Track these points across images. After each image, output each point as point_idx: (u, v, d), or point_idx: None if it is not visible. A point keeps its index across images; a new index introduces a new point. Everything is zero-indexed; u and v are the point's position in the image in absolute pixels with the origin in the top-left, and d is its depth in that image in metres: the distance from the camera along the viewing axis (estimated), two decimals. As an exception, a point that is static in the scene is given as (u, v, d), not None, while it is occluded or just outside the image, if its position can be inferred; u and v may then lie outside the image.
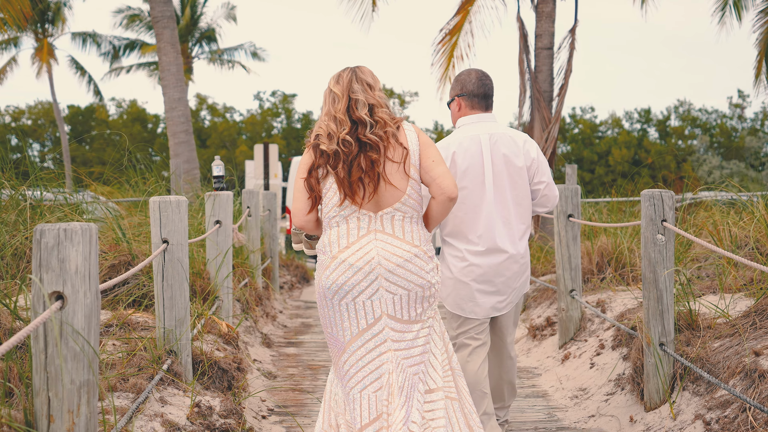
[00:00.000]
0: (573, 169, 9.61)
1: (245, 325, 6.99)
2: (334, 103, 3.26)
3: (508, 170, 3.95)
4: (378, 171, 3.19)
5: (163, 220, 4.32)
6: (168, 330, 4.35)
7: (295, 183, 3.35)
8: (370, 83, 3.28)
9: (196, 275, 6.11)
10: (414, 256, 3.23)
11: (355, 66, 3.34)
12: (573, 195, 6.34)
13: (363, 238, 3.22)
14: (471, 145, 3.95)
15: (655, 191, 4.45)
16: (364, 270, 3.19)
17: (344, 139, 3.19)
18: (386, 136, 3.21)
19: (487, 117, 4.06)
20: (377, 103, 3.25)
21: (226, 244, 6.15)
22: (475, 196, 3.93)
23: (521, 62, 11.77)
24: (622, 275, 7.07)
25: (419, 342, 3.26)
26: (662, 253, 4.44)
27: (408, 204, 3.25)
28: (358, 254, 3.20)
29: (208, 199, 6.17)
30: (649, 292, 4.49)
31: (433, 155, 3.28)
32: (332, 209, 3.26)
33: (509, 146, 3.96)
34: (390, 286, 3.20)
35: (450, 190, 3.23)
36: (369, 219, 3.23)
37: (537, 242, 10.62)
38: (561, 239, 6.36)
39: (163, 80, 11.03)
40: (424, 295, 3.26)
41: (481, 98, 4.06)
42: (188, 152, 11.07)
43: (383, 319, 3.21)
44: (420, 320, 3.28)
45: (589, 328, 6.31)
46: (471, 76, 4.06)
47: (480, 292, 3.98)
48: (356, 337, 3.22)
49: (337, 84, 3.29)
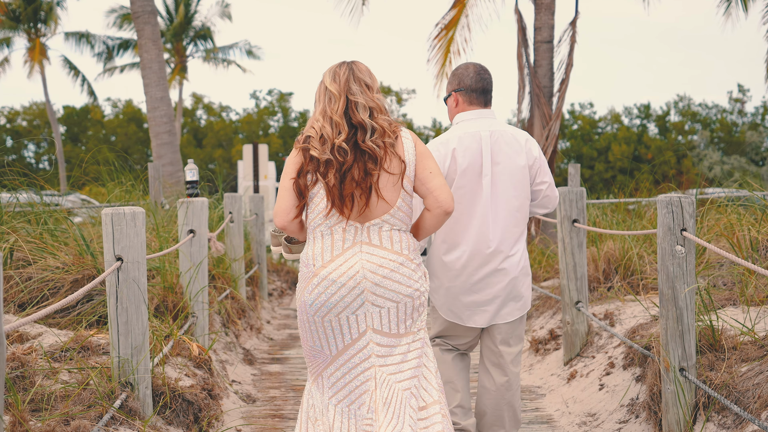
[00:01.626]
0: (576, 168, 9.09)
1: (225, 341, 6.48)
2: (330, 103, 3.08)
3: (509, 169, 3.75)
4: (371, 183, 3.03)
5: (116, 235, 3.81)
6: (123, 359, 3.85)
7: (281, 181, 3.16)
8: (369, 83, 3.11)
9: (167, 290, 5.60)
10: (400, 264, 3.08)
11: (351, 62, 3.14)
12: (578, 198, 5.83)
13: (348, 251, 3.07)
14: (471, 142, 3.73)
15: (673, 196, 3.94)
16: (348, 286, 3.04)
17: (340, 147, 3.01)
18: (384, 147, 3.03)
19: (487, 113, 3.85)
20: (377, 107, 3.08)
21: (200, 255, 5.65)
22: (471, 197, 3.73)
23: (520, 56, 11.26)
24: (631, 283, 6.56)
25: (411, 356, 3.12)
26: (682, 266, 3.93)
27: (397, 216, 3.11)
28: (341, 269, 3.05)
29: (180, 206, 5.66)
30: (667, 310, 3.98)
31: (431, 166, 3.11)
32: (318, 217, 3.09)
33: (511, 144, 3.77)
34: (377, 300, 3.06)
35: (447, 204, 3.10)
36: (355, 230, 3.08)
37: (538, 245, 10.11)
38: (565, 246, 5.85)
39: (144, 78, 10.51)
40: (414, 305, 3.11)
41: (480, 93, 3.85)
42: (172, 154, 10.55)
43: (368, 333, 3.08)
44: (411, 332, 3.13)
45: (597, 342, 5.81)
46: (469, 70, 3.87)
47: (475, 301, 3.77)
48: (341, 351, 3.09)
49: (333, 82, 3.09)
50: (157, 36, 10.46)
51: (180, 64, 39.70)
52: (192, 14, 39.89)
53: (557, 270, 8.95)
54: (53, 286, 5.53)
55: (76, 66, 38.18)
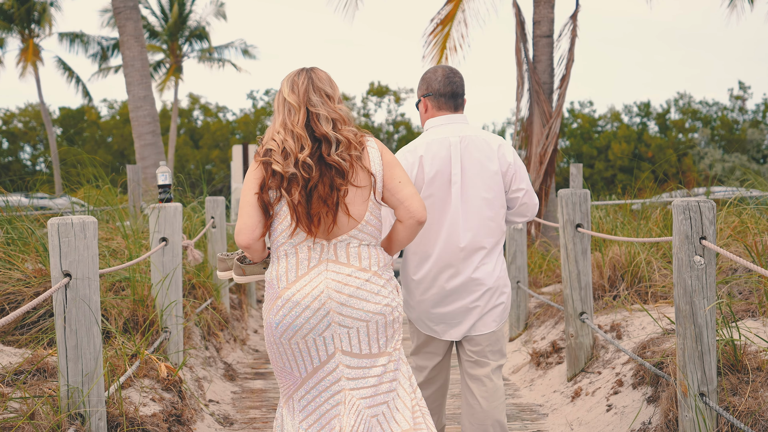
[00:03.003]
0: (578, 168, 8.65)
1: (204, 356, 6.05)
2: (291, 115, 2.92)
3: (481, 176, 3.59)
4: (339, 200, 2.88)
5: (63, 248, 3.38)
6: (73, 388, 3.41)
7: (243, 196, 2.95)
8: (330, 93, 2.96)
9: (137, 303, 5.17)
10: (365, 281, 2.92)
11: (310, 69, 2.99)
12: (582, 201, 5.40)
13: (313, 270, 2.92)
14: (440, 149, 3.56)
15: (691, 200, 3.51)
16: (313, 307, 2.89)
17: (304, 162, 2.86)
18: (351, 159, 2.89)
19: (457, 118, 3.66)
20: (340, 117, 2.93)
21: (173, 264, 5.21)
22: (440, 207, 3.57)
23: (518, 52, 10.82)
24: (638, 291, 6.13)
25: (385, 378, 2.97)
26: (701, 279, 3.50)
27: (366, 231, 2.96)
28: (305, 290, 2.89)
29: (151, 212, 5.23)
30: (685, 328, 3.55)
31: (399, 175, 2.97)
32: (281, 235, 2.93)
33: (482, 149, 3.60)
34: (344, 320, 2.90)
35: (419, 214, 2.96)
36: (321, 248, 2.93)
37: (538, 249, 9.68)
38: (568, 253, 5.42)
39: (127, 77, 10.07)
40: (386, 321, 2.95)
41: (449, 98, 3.67)
42: (156, 155, 10.11)
43: (336, 356, 2.93)
44: (386, 352, 2.98)
45: (603, 356, 5.37)
46: (437, 74, 3.69)
47: (448, 313, 3.61)
48: (310, 374, 2.95)
49: (292, 92, 2.94)
50: (140, 32, 10.02)
51: (175, 65, 39.32)
52: (187, 14, 39.52)
53: (558, 275, 8.52)
54: (14, 299, 5.12)
55: (70, 67, 37.84)
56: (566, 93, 10.55)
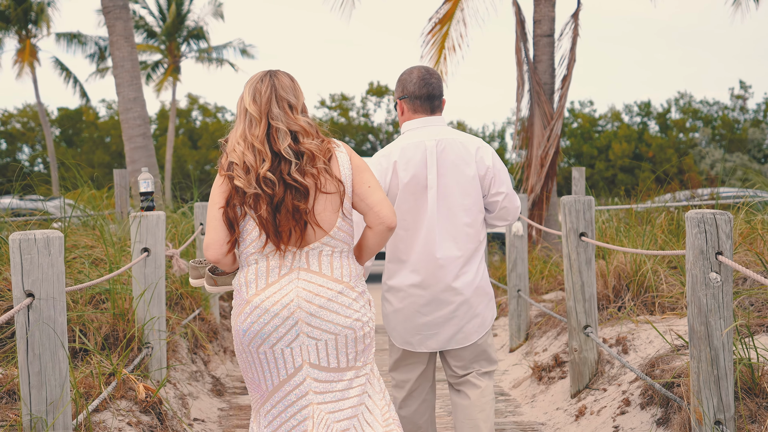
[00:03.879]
0: (580, 172, 8.37)
1: (190, 371, 5.78)
2: (251, 127, 2.82)
3: (458, 181, 3.48)
4: (305, 217, 2.79)
5: (25, 266, 3.11)
6: (36, 418, 3.14)
7: (209, 210, 2.88)
8: (293, 103, 2.85)
9: (118, 317, 4.91)
10: (338, 293, 2.84)
11: (273, 75, 2.87)
12: (585, 209, 5.13)
13: (283, 278, 2.84)
14: (415, 153, 3.46)
15: (706, 213, 3.24)
16: (281, 315, 2.81)
17: (265, 177, 2.77)
18: (317, 173, 2.80)
19: (434, 120, 3.56)
20: (302, 129, 2.82)
21: (156, 276, 4.95)
22: (415, 213, 3.47)
23: (518, 51, 10.55)
24: (644, 302, 5.86)
25: (352, 393, 2.89)
26: (717, 298, 3.23)
27: (338, 237, 2.88)
28: (275, 297, 2.82)
29: (133, 221, 4.96)
30: (700, 351, 3.29)
31: (368, 180, 2.91)
32: (251, 246, 2.85)
33: (459, 153, 3.50)
34: (312, 332, 2.82)
35: (389, 220, 2.90)
36: (293, 255, 2.84)
37: (539, 254, 9.42)
38: (571, 263, 5.15)
39: (116, 78, 9.79)
40: (356, 336, 2.87)
41: (425, 100, 3.55)
42: (146, 158, 9.84)
43: (304, 368, 2.84)
44: (354, 367, 2.89)
45: (609, 372, 5.11)
46: (412, 76, 3.57)
47: (426, 324, 3.51)
48: (277, 387, 2.86)
49: (253, 102, 2.83)
50: (130, 32, 9.74)
51: (173, 65, 39.09)
52: (185, 13, 39.30)
53: (560, 282, 8.26)
54: (-13, 313, 4.85)
55: (67, 67, 37.64)
56: (568, 94, 10.28)
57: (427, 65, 3.77)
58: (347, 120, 53.85)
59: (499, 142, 54.97)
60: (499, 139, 55.65)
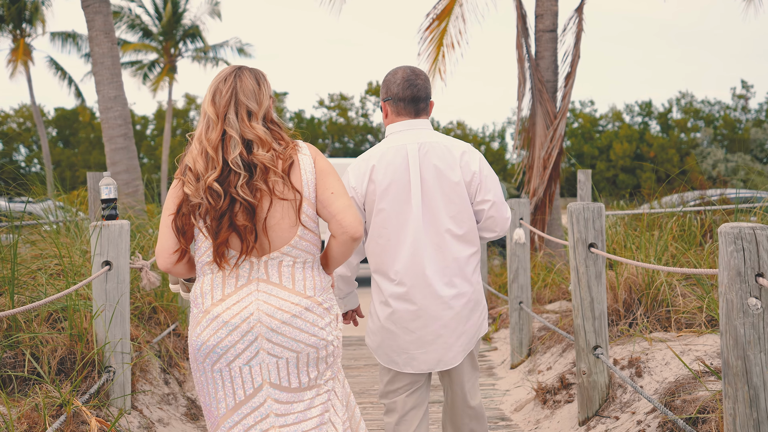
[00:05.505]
0: (587, 175, 7.86)
1: (162, 393, 5.29)
2: (207, 131, 2.67)
3: (441, 187, 3.28)
4: (255, 230, 2.63)
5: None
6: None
7: (162, 216, 2.77)
8: (252, 109, 2.66)
9: (75, 339, 4.42)
10: (304, 309, 2.67)
11: (239, 73, 2.70)
12: (595, 217, 4.63)
13: (242, 289, 2.66)
14: (395, 157, 3.28)
15: (744, 227, 2.75)
16: (241, 329, 2.63)
17: (211, 188, 2.61)
18: (268, 190, 2.61)
19: (419, 123, 3.36)
20: (257, 139, 2.63)
21: (119, 293, 4.46)
22: (397, 221, 3.27)
23: (519, 47, 10.05)
24: (658, 317, 5.37)
25: (313, 413, 2.70)
26: (757, 327, 2.74)
27: (300, 246, 2.69)
28: (233, 309, 2.64)
29: (93, 231, 4.47)
30: (736, 389, 2.79)
31: (332, 186, 2.72)
32: (205, 255, 2.70)
33: (443, 157, 3.29)
34: (273, 348, 2.65)
35: (353, 229, 2.69)
36: (250, 266, 2.67)
37: (541, 261, 8.92)
38: (579, 277, 4.65)
39: (96, 75, 9.30)
40: (319, 356, 2.70)
41: (409, 102, 3.36)
42: (128, 160, 9.34)
43: (264, 388, 2.66)
44: (315, 385, 2.72)
45: (621, 398, 4.61)
46: (396, 77, 3.39)
47: (413, 342, 3.31)
48: (232, 411, 2.66)
49: (212, 103, 2.68)
50: (110, 27, 9.24)
51: (169, 64, 38.66)
52: (181, 12, 38.89)
53: (564, 291, 7.78)
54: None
55: (62, 67, 37.23)
56: (572, 92, 9.79)
57: (414, 66, 3.45)
58: (346, 120, 53.37)
59: (500, 143, 54.55)
60: (499, 139, 55.23)
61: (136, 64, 39.05)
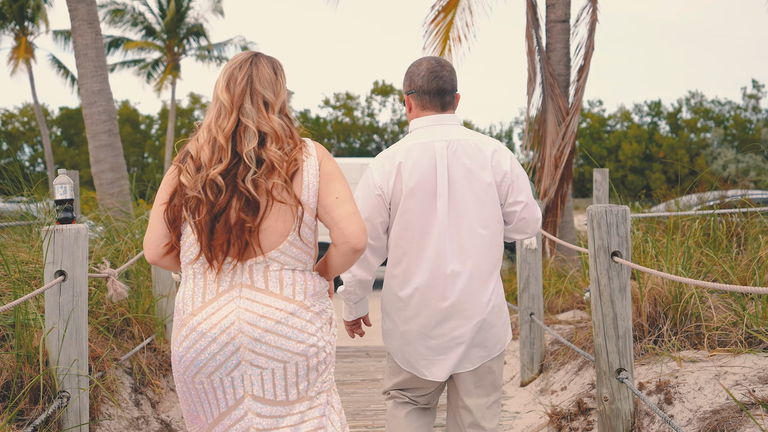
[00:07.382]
0: (604, 174, 7.27)
1: (131, 417, 4.73)
2: (219, 118, 2.50)
3: (472, 187, 3.15)
4: (246, 237, 2.45)
5: None
6: None
7: (154, 203, 2.62)
8: (269, 100, 2.51)
9: (23, 359, 3.86)
10: (289, 314, 2.47)
11: (255, 60, 2.55)
12: (620, 221, 4.05)
13: (223, 296, 2.49)
14: (422, 155, 3.11)
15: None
16: (220, 341, 2.45)
17: (213, 181, 2.44)
18: (268, 190, 2.44)
19: (445, 119, 3.21)
20: (272, 133, 2.48)
21: (74, 305, 3.90)
22: (422, 222, 3.13)
23: (530, 38, 9.47)
24: (687, 333, 4.78)
25: (306, 427, 2.51)
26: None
27: (289, 253, 2.51)
28: (212, 319, 2.46)
29: (45, 237, 3.91)
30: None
31: (338, 190, 2.52)
32: (188, 251, 2.54)
33: (473, 156, 3.16)
34: (256, 359, 2.46)
35: (355, 239, 2.47)
36: (233, 269, 2.49)
37: (552, 266, 8.34)
38: (601, 290, 4.07)
39: (79, 68, 8.75)
40: (309, 364, 2.50)
41: (434, 95, 3.21)
42: (113, 158, 8.78)
43: (246, 401, 2.49)
44: (306, 397, 2.52)
45: (649, 428, 4.03)
46: (420, 68, 3.25)
47: (432, 348, 3.19)
48: (216, 421, 2.52)
49: (226, 90, 2.51)
50: (94, 17, 8.69)
51: (172, 63, 38.27)
52: (184, 10, 38.55)
53: (578, 299, 7.20)
54: None
55: (65, 65, 36.90)
56: (585, 86, 9.20)
57: (438, 56, 3.22)
58: (352, 119, 52.90)
59: (507, 143, 54.00)
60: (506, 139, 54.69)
61: (140, 63, 38.71)
